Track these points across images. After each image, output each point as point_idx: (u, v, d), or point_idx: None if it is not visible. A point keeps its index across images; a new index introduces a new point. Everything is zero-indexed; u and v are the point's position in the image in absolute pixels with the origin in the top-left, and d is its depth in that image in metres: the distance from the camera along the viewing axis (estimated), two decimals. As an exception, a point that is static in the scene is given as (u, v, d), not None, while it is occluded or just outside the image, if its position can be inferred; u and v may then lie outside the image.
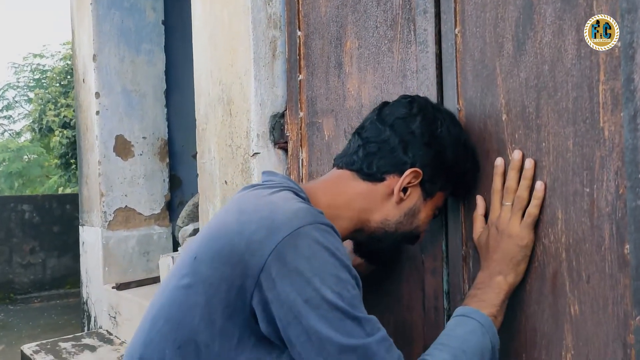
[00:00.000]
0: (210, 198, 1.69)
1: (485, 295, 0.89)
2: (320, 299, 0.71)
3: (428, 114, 0.94)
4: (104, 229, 2.70)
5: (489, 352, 0.83)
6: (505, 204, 0.93)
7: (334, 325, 0.71)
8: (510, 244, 0.91)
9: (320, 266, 0.73)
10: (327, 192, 0.95)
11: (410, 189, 0.93)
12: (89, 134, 2.84)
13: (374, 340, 0.73)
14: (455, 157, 0.94)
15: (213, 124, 1.66)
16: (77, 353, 2.31)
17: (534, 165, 0.91)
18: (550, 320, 0.90)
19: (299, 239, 0.73)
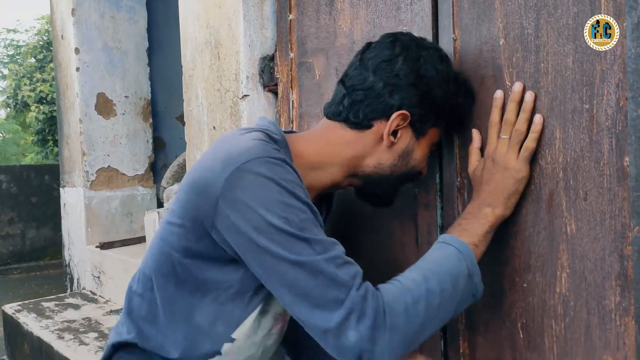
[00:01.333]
0: (197, 145, 1.66)
1: (470, 225, 0.89)
2: (267, 225, 0.76)
3: (411, 53, 0.92)
4: (86, 189, 2.65)
5: (464, 278, 0.83)
6: (503, 137, 0.92)
7: (283, 246, 0.75)
8: (505, 176, 0.90)
9: (265, 196, 0.76)
10: (315, 141, 0.95)
11: (401, 131, 0.93)
12: (69, 92, 2.76)
13: (323, 258, 0.76)
14: (444, 94, 0.93)
15: (200, 68, 1.62)
16: (60, 311, 2.28)
17: (534, 99, 0.90)
18: (546, 242, 0.91)
19: (245, 172, 0.77)
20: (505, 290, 0.97)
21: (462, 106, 0.98)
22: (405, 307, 0.76)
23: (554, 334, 0.90)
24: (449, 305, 0.81)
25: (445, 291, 0.80)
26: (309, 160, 0.92)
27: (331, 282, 0.75)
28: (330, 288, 0.75)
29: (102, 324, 2.06)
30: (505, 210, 0.91)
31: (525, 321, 0.94)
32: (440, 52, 0.95)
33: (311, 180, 0.93)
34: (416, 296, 0.78)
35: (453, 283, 0.81)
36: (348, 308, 0.74)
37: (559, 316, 0.89)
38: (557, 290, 0.89)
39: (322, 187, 0.97)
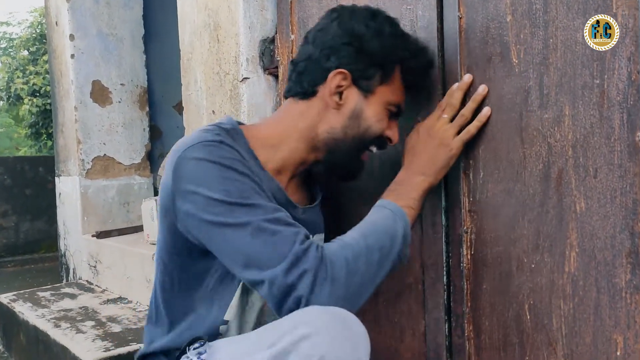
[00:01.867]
0: (196, 130, 1.64)
1: (403, 190, 0.95)
2: (210, 201, 0.80)
3: (344, 17, 0.95)
4: (82, 178, 2.61)
5: (400, 238, 0.88)
6: (444, 117, 0.98)
7: (226, 215, 0.80)
8: (440, 150, 0.96)
9: (202, 176, 0.81)
10: (271, 121, 1.02)
11: (345, 91, 0.95)
12: (63, 79, 2.72)
13: (265, 218, 0.80)
14: (382, 48, 0.94)
15: (199, 52, 1.59)
16: (56, 300, 2.26)
17: (486, 93, 0.96)
18: (554, 221, 0.89)
19: (183, 160, 0.82)
20: (513, 271, 0.96)
21: (409, 61, 0.98)
22: (346, 261, 0.80)
23: (563, 314, 0.89)
24: (386, 263, 0.85)
25: (384, 248, 0.85)
26: (268, 140, 0.96)
27: (274, 239, 0.78)
28: (274, 245, 0.78)
29: (99, 312, 2.04)
30: (436, 180, 0.98)
31: (533, 302, 0.93)
32: (377, 12, 0.97)
33: (278, 159, 0.96)
34: (356, 252, 0.82)
35: (391, 240, 0.86)
36: (291, 260, 0.77)
37: (568, 296, 0.88)
38: (566, 269, 0.88)
39: (293, 165, 0.99)
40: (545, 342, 0.91)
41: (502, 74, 0.96)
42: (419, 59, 1.00)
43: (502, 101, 0.96)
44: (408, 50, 0.98)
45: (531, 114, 0.92)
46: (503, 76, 0.96)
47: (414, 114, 1.09)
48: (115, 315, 1.98)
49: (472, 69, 1.01)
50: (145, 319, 1.91)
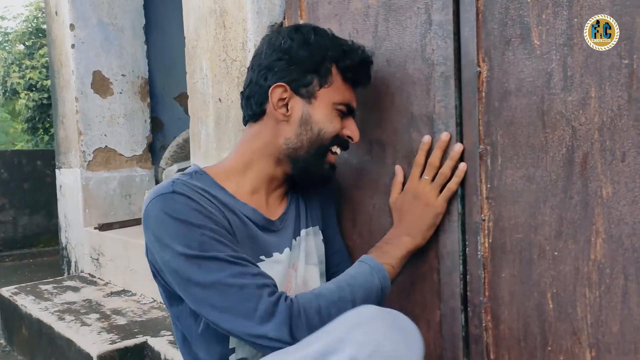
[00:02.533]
0: (202, 119, 1.61)
1: (388, 248, 1.01)
2: (175, 254, 0.83)
3: (272, 38, 1.01)
4: (83, 169, 2.58)
5: (377, 291, 0.93)
6: (425, 178, 1.03)
7: (192, 270, 0.83)
8: (425, 211, 1.02)
9: (165, 229, 0.84)
10: (234, 151, 1.05)
11: (290, 102, 0.99)
12: (64, 70, 2.68)
13: (230, 274, 0.82)
14: (310, 54, 0.98)
15: (205, 39, 1.56)
16: (59, 293, 2.23)
17: (462, 150, 1.01)
18: (579, 207, 0.87)
19: (148, 215, 0.86)
20: (534, 259, 0.94)
21: (342, 60, 1.01)
22: (319, 310, 0.84)
23: (588, 303, 0.86)
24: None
25: (357, 300, 0.88)
26: (236, 167, 1.01)
27: (242, 294, 0.81)
28: (242, 302, 0.81)
29: (104, 305, 2.01)
30: (423, 240, 1.04)
31: (556, 290, 0.91)
32: (300, 25, 1.04)
33: (249, 182, 1.01)
34: (329, 302, 0.86)
35: (365, 294, 0.91)
36: (261, 315, 0.81)
37: (594, 284, 0.85)
38: (592, 257, 0.85)
39: (265, 184, 1.03)
40: (569, 332, 0.89)
41: (522, 56, 0.93)
42: (351, 56, 1.02)
43: (522, 85, 0.93)
44: (337, 50, 1.01)
45: (554, 97, 0.89)
46: (523, 59, 0.93)
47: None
48: (119, 307, 1.95)
49: (489, 53, 0.99)
50: (150, 311, 1.89)
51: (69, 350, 1.68)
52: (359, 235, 1.25)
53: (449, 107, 1.05)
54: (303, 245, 1.09)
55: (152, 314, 1.85)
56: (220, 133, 1.52)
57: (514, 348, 0.98)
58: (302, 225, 1.10)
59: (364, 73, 1.07)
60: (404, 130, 1.14)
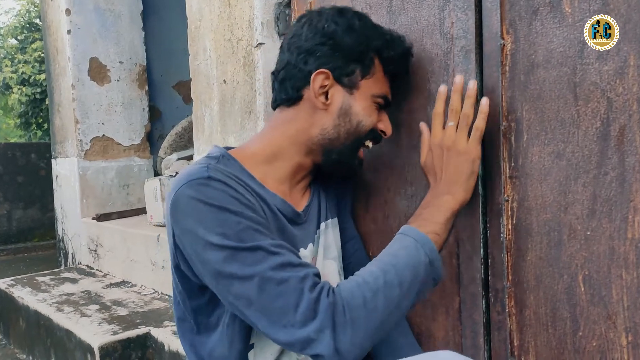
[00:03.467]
0: (206, 102, 1.55)
1: (429, 214, 0.90)
2: (209, 245, 0.76)
3: (313, 19, 0.95)
4: (80, 159, 2.51)
5: (424, 267, 0.83)
6: (450, 124, 0.94)
7: (229, 261, 0.76)
8: (459, 160, 0.92)
9: (198, 217, 0.78)
10: (262, 135, 0.99)
11: (330, 90, 0.94)
12: (59, 56, 2.60)
13: (269, 266, 0.76)
14: (356, 41, 0.93)
15: (208, 18, 1.50)
16: (57, 285, 2.17)
17: (476, 85, 0.94)
18: (615, 184, 0.82)
19: (177, 202, 0.79)
20: (564, 240, 0.89)
21: (385, 51, 0.97)
22: (364, 301, 0.77)
23: (625, 285, 0.81)
24: (410, 294, 0.82)
25: (404, 282, 0.80)
26: (264, 154, 0.95)
27: (281, 290, 0.75)
28: (281, 297, 0.75)
29: (103, 296, 1.96)
30: (466, 193, 0.93)
31: (588, 272, 0.86)
32: (343, 9, 0.97)
33: (276, 172, 0.95)
34: (374, 290, 0.78)
35: (413, 273, 0.82)
36: (303, 313, 0.74)
37: (631, 264, 0.80)
38: (629, 236, 0.80)
39: (292, 175, 0.98)
40: (603, 316, 0.84)
41: (552, 26, 0.88)
42: (394, 47, 0.99)
43: (551, 56, 0.88)
44: (382, 40, 0.97)
45: (587, 67, 0.84)
46: (553, 28, 0.88)
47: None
48: (120, 298, 1.90)
49: (514, 24, 0.93)
50: (151, 302, 1.84)
51: (69, 341, 1.63)
52: (372, 220, 1.20)
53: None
54: (322, 239, 1.04)
55: (153, 305, 1.79)
56: (225, 116, 1.47)
57: (541, 335, 0.94)
58: (322, 218, 1.05)
59: (405, 65, 1.04)
60: (420, 109, 1.09)
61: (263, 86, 1.34)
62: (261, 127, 1.36)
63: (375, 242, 1.20)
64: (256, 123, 1.36)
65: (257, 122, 1.36)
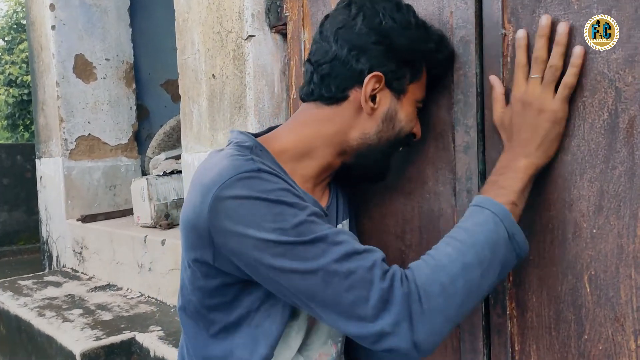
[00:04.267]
0: (194, 98, 1.49)
1: (506, 181, 0.81)
2: (264, 243, 0.71)
3: (367, 11, 0.86)
4: (65, 158, 2.44)
5: (505, 242, 0.76)
6: (533, 77, 0.82)
7: (288, 257, 0.71)
8: (541, 119, 0.81)
9: (249, 216, 0.72)
10: (294, 129, 0.91)
11: (379, 94, 0.87)
12: (44, 53, 2.53)
13: (332, 258, 0.70)
14: (411, 43, 0.86)
15: (196, 10, 1.45)
16: (40, 289, 2.10)
17: (569, 30, 0.80)
18: (623, 178, 0.78)
19: (223, 199, 0.72)
20: (568, 238, 0.85)
21: (435, 53, 0.91)
22: (442, 287, 0.71)
23: (634, 285, 0.77)
24: (491, 274, 0.75)
25: (484, 262, 0.74)
26: (295, 151, 0.88)
27: (350, 282, 0.70)
28: (350, 290, 0.70)
29: (87, 300, 1.89)
30: (546, 158, 0.83)
31: (595, 272, 0.82)
32: (399, 1, 0.89)
33: (304, 170, 0.89)
34: (453, 273, 0.72)
35: (492, 251, 0.75)
36: (376, 306, 0.69)
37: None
38: (639, 233, 0.76)
39: (319, 174, 0.91)
40: (610, 318, 0.80)
41: (557, 12, 0.84)
42: (443, 51, 0.93)
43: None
44: (432, 42, 0.90)
45: (594, 55, 0.80)
46: (558, 15, 0.84)
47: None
48: (104, 302, 1.83)
49: (516, 12, 0.89)
50: (137, 306, 1.78)
51: (50, 347, 1.56)
52: (369, 218, 1.16)
53: (469, 75, 0.96)
54: None
55: (139, 309, 1.73)
56: (214, 112, 1.42)
57: (543, 338, 0.89)
58: (339, 220, 1.00)
59: (448, 68, 0.97)
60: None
61: (253, 80, 1.29)
62: (252, 123, 1.31)
63: (371, 241, 1.15)
64: (246, 119, 1.31)
65: (247, 117, 1.31)
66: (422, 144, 1.04)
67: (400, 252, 1.11)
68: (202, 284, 0.82)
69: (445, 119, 1.01)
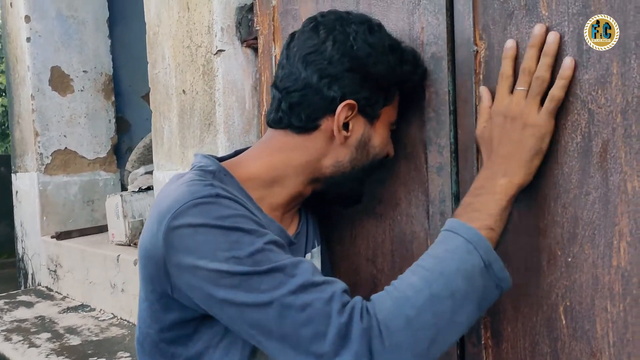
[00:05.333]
0: (165, 113, 1.45)
1: (482, 203, 0.75)
2: (217, 274, 0.67)
3: (338, 35, 0.81)
4: (40, 173, 2.38)
5: (479, 271, 0.69)
6: (519, 89, 0.77)
7: (242, 289, 0.66)
8: (524, 134, 0.75)
9: (202, 246, 0.68)
10: (263, 156, 0.86)
11: (351, 121, 0.83)
12: (19, 65, 2.48)
13: (288, 290, 0.66)
14: (385, 68, 0.83)
15: (167, 23, 1.40)
16: (10, 310, 2.03)
17: (559, 40, 0.75)
18: (598, 205, 0.74)
19: (174, 230, 0.69)
20: (543, 266, 0.80)
21: (409, 74, 0.88)
22: (407, 321, 0.65)
23: (610, 318, 0.73)
24: (468, 307, 0.69)
25: (456, 293, 0.67)
26: (263, 178, 0.84)
27: (306, 316, 0.65)
28: (306, 325, 0.64)
29: (57, 322, 1.82)
30: (527, 176, 0.76)
31: (570, 303, 0.77)
32: (370, 22, 0.85)
33: (273, 198, 0.85)
34: (419, 305, 0.66)
35: (466, 281, 0.68)
36: (333, 342, 0.64)
37: (617, 295, 0.72)
38: (614, 263, 0.72)
39: (289, 202, 0.88)
40: (586, 352, 0.76)
41: (528, 30, 0.80)
42: (418, 71, 0.90)
43: (527, 64, 0.80)
44: (409, 65, 0.87)
45: (566, 76, 0.76)
46: (529, 33, 0.80)
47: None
48: (74, 325, 1.77)
49: (487, 29, 0.86)
50: (108, 329, 1.71)
51: (14, 374, 1.50)
52: (339, 241, 1.11)
53: (440, 93, 0.92)
54: None
55: (110, 332, 1.67)
56: (184, 129, 1.37)
57: (519, 370, 0.85)
58: (309, 248, 0.96)
59: (421, 85, 0.93)
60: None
61: (223, 96, 1.25)
62: (221, 141, 1.26)
63: (342, 265, 1.11)
64: (215, 136, 1.27)
65: (216, 135, 1.27)
66: (393, 164, 1.00)
67: (372, 277, 1.06)
68: (161, 317, 0.77)
69: (417, 138, 0.97)
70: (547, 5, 0.78)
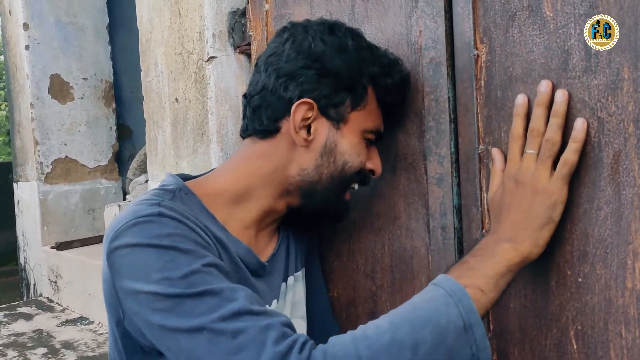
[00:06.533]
0: (158, 122, 1.41)
1: (477, 262, 0.69)
2: (151, 297, 0.64)
3: (298, 35, 0.81)
4: (40, 183, 2.35)
5: (455, 330, 0.62)
6: (529, 152, 0.72)
7: (175, 313, 0.63)
8: (534, 201, 0.70)
9: (137, 267, 0.66)
10: (232, 167, 0.84)
11: (313, 124, 0.80)
12: (18, 73, 2.46)
13: (221, 315, 0.62)
14: (347, 66, 0.79)
15: (159, 30, 1.36)
16: (9, 322, 2.00)
17: (568, 99, 0.69)
18: (610, 221, 0.68)
19: (114, 252, 0.67)
20: (552, 287, 0.75)
21: (382, 77, 0.83)
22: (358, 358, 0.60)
23: (625, 344, 0.67)
24: None
25: (422, 345, 0.61)
26: (231, 193, 0.81)
27: (237, 345, 0.60)
28: (238, 353, 0.60)
29: (55, 336, 1.79)
30: (535, 247, 0.70)
31: (582, 327, 0.72)
32: (334, 24, 0.83)
33: (243, 214, 0.81)
34: (376, 348, 0.60)
35: (436, 335, 0.61)
36: None
37: (632, 320, 0.66)
38: (629, 285, 0.66)
39: (261, 218, 0.84)
40: (600, 381, 0.70)
41: (532, 33, 0.75)
42: (392, 74, 0.84)
43: (531, 68, 0.75)
44: (378, 65, 0.82)
45: (573, 81, 0.71)
46: (532, 36, 0.75)
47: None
48: (72, 339, 1.73)
49: (488, 32, 0.81)
50: (105, 344, 1.68)
51: (8, 391, 1.46)
52: (336, 255, 1.06)
53: (440, 100, 0.87)
54: (290, 294, 0.89)
55: (106, 347, 1.64)
56: (178, 138, 1.33)
57: (528, 397, 0.79)
58: (290, 270, 0.90)
59: (403, 95, 0.88)
60: (387, 130, 0.95)
61: (215, 105, 1.20)
62: (214, 151, 1.22)
63: (339, 280, 1.06)
64: (208, 146, 1.22)
65: (209, 145, 1.22)
66: (392, 175, 0.95)
67: (371, 293, 1.01)
68: (121, 346, 0.74)
69: (416, 148, 0.92)
70: (552, 6, 0.72)
